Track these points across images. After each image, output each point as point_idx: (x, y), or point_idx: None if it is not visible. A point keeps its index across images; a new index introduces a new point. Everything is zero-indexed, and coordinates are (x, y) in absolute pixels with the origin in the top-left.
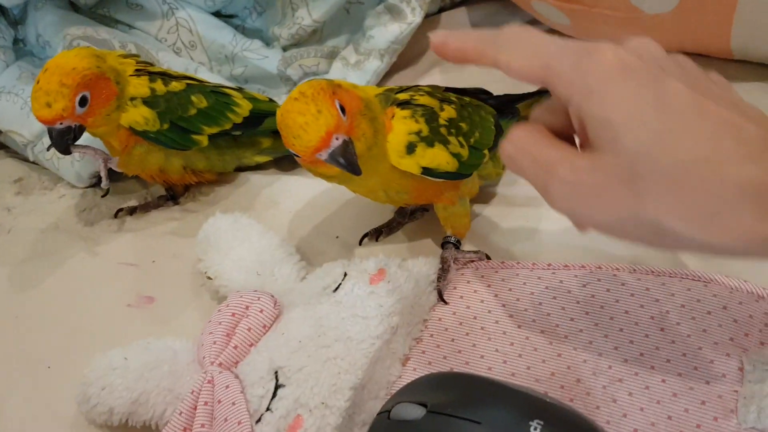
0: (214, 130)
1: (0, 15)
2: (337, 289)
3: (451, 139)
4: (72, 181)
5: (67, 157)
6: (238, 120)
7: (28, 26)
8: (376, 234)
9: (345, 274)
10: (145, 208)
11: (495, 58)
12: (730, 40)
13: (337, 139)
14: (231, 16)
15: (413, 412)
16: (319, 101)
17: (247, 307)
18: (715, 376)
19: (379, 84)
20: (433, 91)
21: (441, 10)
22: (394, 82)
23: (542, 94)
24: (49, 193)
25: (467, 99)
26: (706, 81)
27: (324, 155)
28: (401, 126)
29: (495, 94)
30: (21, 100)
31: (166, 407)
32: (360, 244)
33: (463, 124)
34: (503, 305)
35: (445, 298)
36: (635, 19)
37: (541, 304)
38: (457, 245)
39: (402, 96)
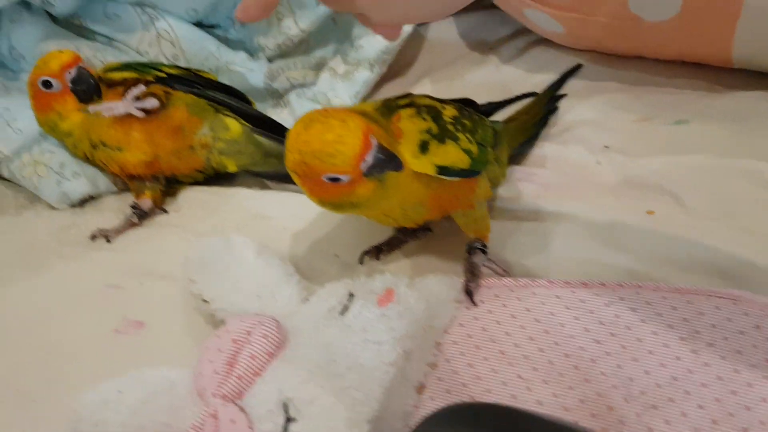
0: (173, 70)
1: None
2: (344, 311)
3: (460, 135)
4: (53, 202)
5: (53, 176)
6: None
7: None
8: (377, 252)
9: (351, 295)
10: (119, 230)
11: None
12: (731, 48)
13: (372, 139)
14: (213, 26)
15: None
16: (334, 115)
17: (248, 333)
18: (754, 401)
19: (369, 96)
20: (426, 98)
21: None
22: (383, 92)
23: (519, 98)
24: (26, 212)
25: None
26: None
27: (369, 159)
28: (410, 125)
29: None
30: None
31: None
32: (361, 263)
33: (466, 122)
34: (522, 327)
35: (458, 320)
36: (634, 27)
37: (563, 326)
38: (484, 250)
39: (402, 101)
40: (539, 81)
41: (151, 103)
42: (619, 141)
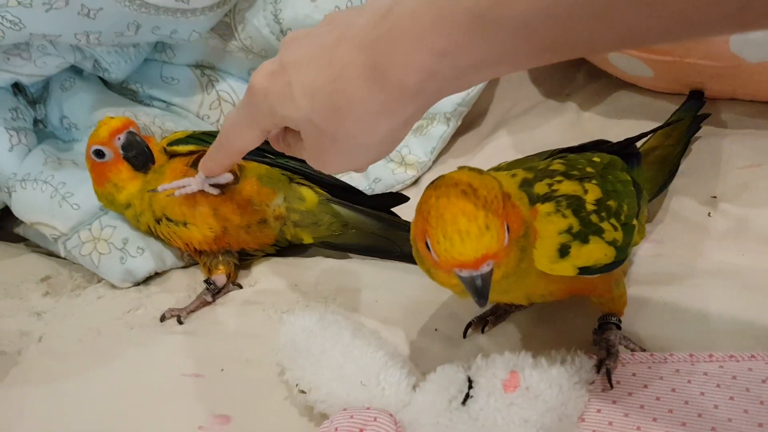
0: None
1: (18, 94)
2: (465, 400)
3: (604, 225)
4: (115, 281)
5: (115, 252)
6: None
7: (50, 106)
8: (482, 324)
9: (470, 381)
10: (192, 310)
11: (236, 154)
12: None
13: (488, 265)
14: None
15: None
16: (491, 213)
17: (361, 431)
18: None
19: (445, 151)
20: (567, 167)
21: None
22: (458, 146)
23: (660, 128)
24: (84, 293)
25: (597, 159)
26: (332, 25)
27: (465, 274)
28: (549, 227)
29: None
30: (50, 187)
31: None
32: (464, 336)
33: (611, 202)
34: (670, 411)
35: (594, 405)
36: (734, 68)
37: (717, 408)
38: (619, 325)
39: (540, 188)
40: (625, 128)
41: (226, 178)
42: (728, 190)
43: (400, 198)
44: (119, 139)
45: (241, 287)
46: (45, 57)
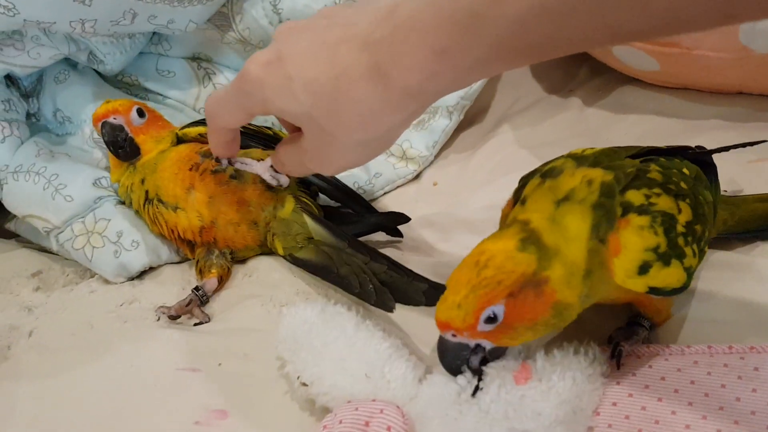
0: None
1: (11, 86)
2: (475, 392)
3: (687, 250)
4: (108, 275)
5: (109, 246)
6: None
7: (43, 99)
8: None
9: (480, 372)
10: (185, 310)
11: (220, 131)
12: None
13: (452, 335)
14: None
15: None
16: (473, 295)
17: (366, 423)
18: None
19: (447, 146)
20: (664, 178)
21: None
22: (460, 142)
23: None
24: (77, 288)
25: (687, 171)
26: (331, 20)
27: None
28: (637, 240)
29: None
30: (44, 179)
31: None
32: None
33: (698, 227)
34: (690, 404)
35: (609, 398)
36: (742, 59)
37: (740, 400)
38: (648, 328)
39: (635, 197)
40: (630, 124)
41: (285, 181)
42: (737, 185)
43: (401, 218)
44: (100, 126)
45: (208, 321)
46: (39, 48)
